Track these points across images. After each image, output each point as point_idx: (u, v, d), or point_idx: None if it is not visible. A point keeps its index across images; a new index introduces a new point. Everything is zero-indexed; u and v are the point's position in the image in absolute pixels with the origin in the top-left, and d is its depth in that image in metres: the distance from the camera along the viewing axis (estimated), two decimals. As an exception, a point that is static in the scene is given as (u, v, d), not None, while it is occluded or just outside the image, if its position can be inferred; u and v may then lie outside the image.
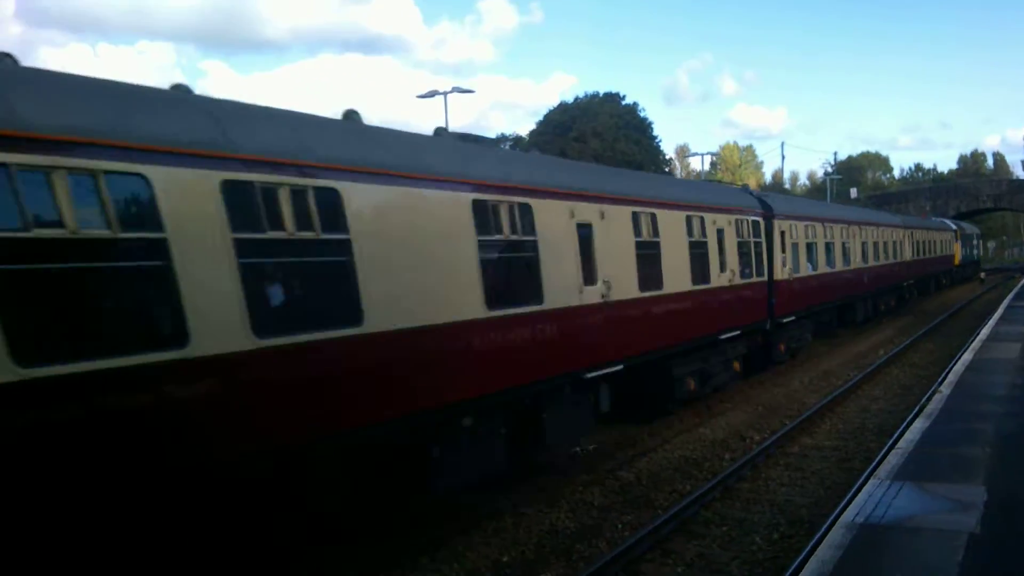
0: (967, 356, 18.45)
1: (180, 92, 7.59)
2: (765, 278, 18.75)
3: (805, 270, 21.85)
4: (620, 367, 12.39)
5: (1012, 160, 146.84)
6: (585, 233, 11.60)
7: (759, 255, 18.51)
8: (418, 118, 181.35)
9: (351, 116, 9.45)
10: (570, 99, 77.04)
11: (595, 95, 75.61)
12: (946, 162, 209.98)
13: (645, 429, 14.71)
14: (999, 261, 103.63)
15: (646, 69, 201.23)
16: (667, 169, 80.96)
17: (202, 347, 6.46)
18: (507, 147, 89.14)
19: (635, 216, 13.04)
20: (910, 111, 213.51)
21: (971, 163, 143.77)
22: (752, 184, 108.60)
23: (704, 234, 15.71)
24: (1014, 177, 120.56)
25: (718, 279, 16.14)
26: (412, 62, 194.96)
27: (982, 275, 60.78)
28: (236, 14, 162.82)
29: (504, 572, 8.89)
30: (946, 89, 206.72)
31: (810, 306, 22.25)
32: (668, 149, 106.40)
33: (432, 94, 40.09)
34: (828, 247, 24.27)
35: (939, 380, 16.54)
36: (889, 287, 33.50)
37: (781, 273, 19.81)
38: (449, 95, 39.68)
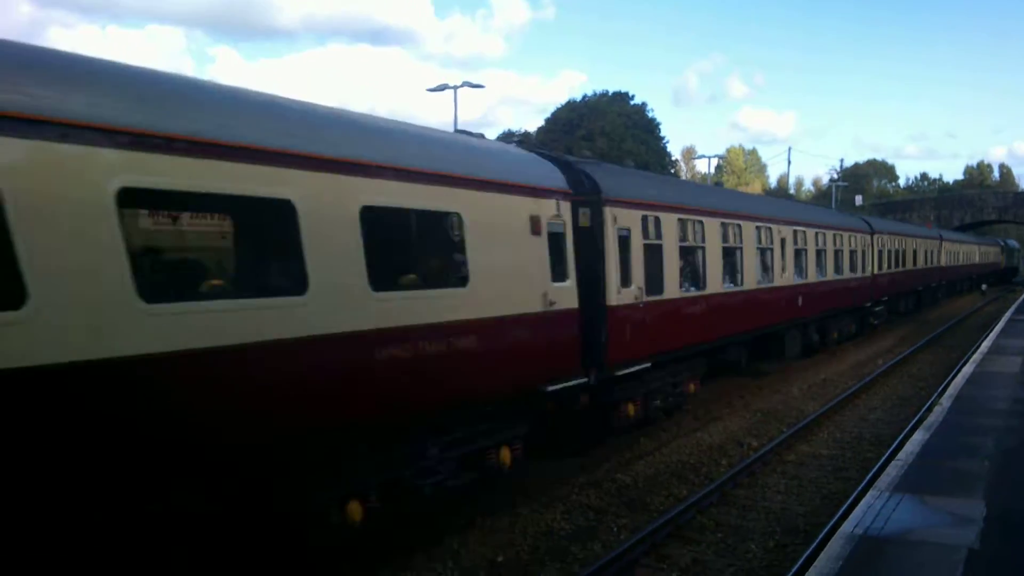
0: (968, 369, 18.40)
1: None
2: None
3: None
4: None
5: (1018, 172, 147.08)
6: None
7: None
8: (426, 111, 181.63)
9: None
10: (579, 97, 77.05)
11: (604, 94, 75.68)
12: (952, 172, 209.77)
13: (643, 432, 14.64)
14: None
15: (655, 69, 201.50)
16: (673, 171, 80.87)
17: None
18: (515, 143, 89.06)
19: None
20: (917, 120, 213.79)
21: (976, 174, 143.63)
22: (757, 189, 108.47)
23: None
24: (1020, 189, 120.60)
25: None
26: (421, 55, 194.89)
27: (983, 287, 60.73)
28: (249, 1, 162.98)
29: (499, 572, 8.85)
30: (954, 99, 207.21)
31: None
32: (675, 150, 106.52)
33: (442, 88, 40.08)
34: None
35: (939, 392, 16.51)
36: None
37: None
38: (459, 89, 39.66)
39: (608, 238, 12.44)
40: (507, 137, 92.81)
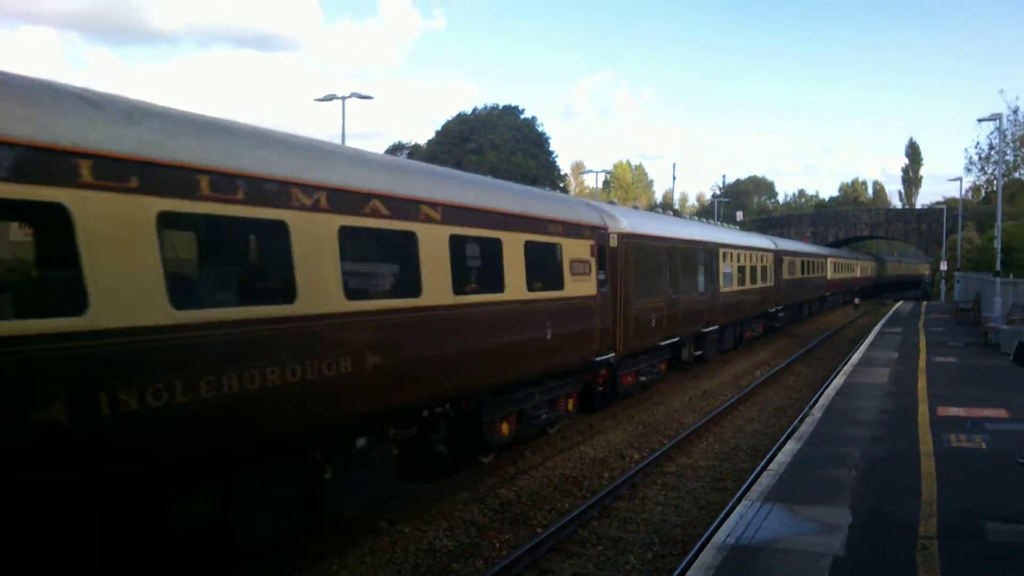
0: (838, 380, 19.14)
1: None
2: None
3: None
4: None
5: (891, 190, 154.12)
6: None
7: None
8: (312, 121, 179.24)
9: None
10: (469, 110, 77.40)
11: (494, 107, 76.21)
12: (828, 189, 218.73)
13: (528, 447, 14.75)
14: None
15: (545, 82, 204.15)
16: (562, 185, 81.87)
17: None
18: (404, 155, 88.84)
19: None
20: (797, 138, 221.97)
21: (851, 191, 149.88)
22: (643, 204, 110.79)
23: None
24: (891, 206, 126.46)
25: None
26: (309, 62, 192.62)
27: (856, 301, 63.28)
28: (125, 1, 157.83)
29: (379, 591, 8.77)
30: (831, 118, 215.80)
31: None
32: (564, 164, 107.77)
33: (330, 98, 39.63)
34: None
35: (811, 403, 17.12)
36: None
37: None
38: (347, 100, 39.29)
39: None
40: (397, 149, 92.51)
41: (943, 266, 65.90)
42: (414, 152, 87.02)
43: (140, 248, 6.59)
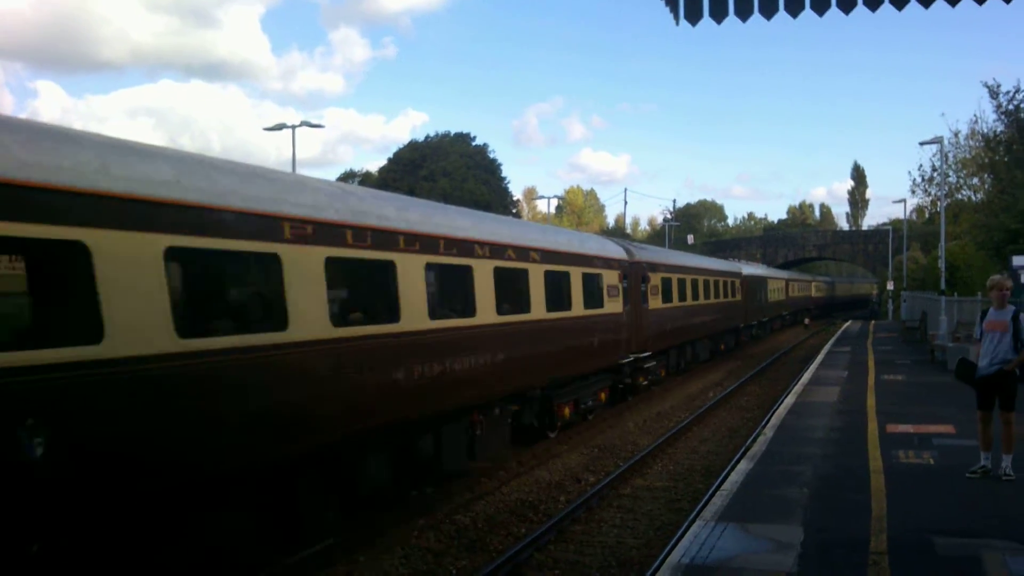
0: (790, 400, 19.35)
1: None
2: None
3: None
4: None
5: (837, 212, 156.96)
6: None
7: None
8: (263, 149, 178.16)
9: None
10: (421, 137, 77.55)
11: (446, 134, 76.44)
12: (776, 212, 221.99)
13: (484, 471, 14.72)
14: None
15: (497, 110, 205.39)
16: (514, 211, 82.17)
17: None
18: (355, 183, 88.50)
19: None
20: (745, 162, 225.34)
21: (799, 213, 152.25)
22: (595, 229, 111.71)
23: None
24: (838, 228, 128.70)
25: None
26: (258, 92, 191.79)
27: (806, 321, 64.19)
28: (71, 31, 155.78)
29: (333, 622, 8.66)
30: (779, 141, 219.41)
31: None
32: (516, 190, 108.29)
33: (280, 127, 39.46)
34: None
35: (763, 423, 17.29)
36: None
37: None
38: (297, 129, 39.14)
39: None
40: (349, 177, 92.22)
41: (890, 286, 67.20)
42: (366, 179, 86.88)
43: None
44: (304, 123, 35.73)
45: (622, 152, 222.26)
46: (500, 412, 14.21)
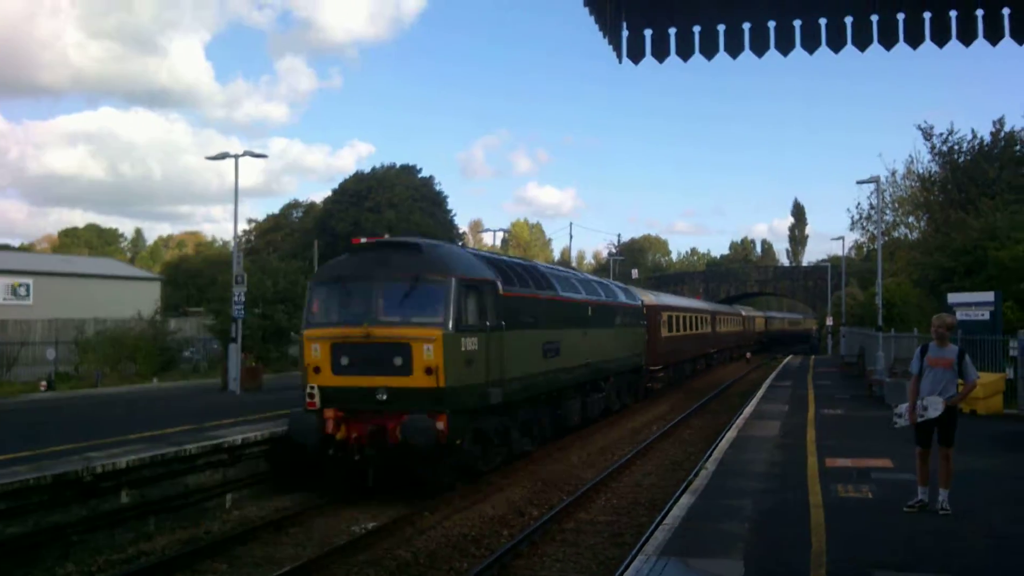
0: (731, 433, 19.47)
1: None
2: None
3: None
4: None
5: (778, 247, 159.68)
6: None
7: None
8: (204, 178, 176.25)
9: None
10: (367, 168, 77.21)
11: (392, 166, 76.21)
12: (719, 247, 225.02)
13: (426, 506, 14.56)
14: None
15: (443, 142, 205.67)
16: (461, 243, 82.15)
17: None
18: (300, 214, 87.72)
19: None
20: (688, 198, 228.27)
21: (741, 249, 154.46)
22: (541, 261, 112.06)
23: None
24: (779, 264, 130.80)
25: None
26: (202, 120, 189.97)
27: (748, 355, 64.97)
28: (7, 54, 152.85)
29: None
30: (721, 178, 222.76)
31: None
32: (463, 222, 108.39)
33: (223, 156, 38.87)
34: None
35: (705, 457, 17.37)
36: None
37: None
38: (240, 158, 38.65)
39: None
40: (292, 207, 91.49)
41: (829, 321, 68.35)
42: (310, 210, 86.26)
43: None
44: (248, 152, 35.15)
45: (568, 186, 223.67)
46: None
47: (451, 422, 14.52)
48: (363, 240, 16.87)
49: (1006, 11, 6.33)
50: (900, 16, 6.39)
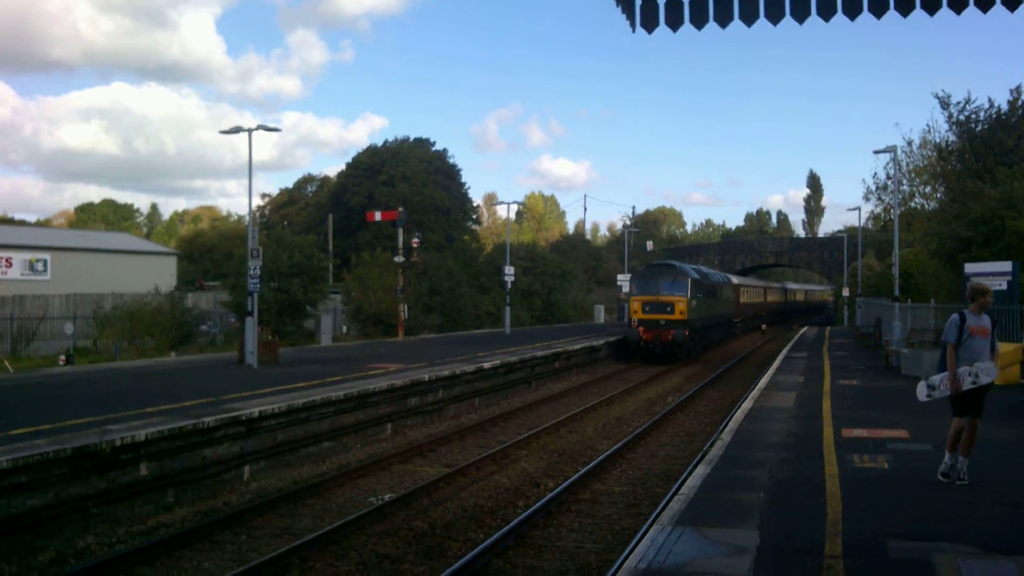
0: (747, 404, 19.45)
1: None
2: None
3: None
4: None
5: (794, 219, 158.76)
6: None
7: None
8: (218, 152, 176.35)
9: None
10: (380, 141, 77.02)
11: (405, 139, 75.96)
12: (734, 218, 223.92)
13: (443, 478, 14.64)
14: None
15: (456, 115, 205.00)
16: (475, 216, 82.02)
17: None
18: (314, 188, 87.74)
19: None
20: (703, 169, 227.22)
21: (756, 220, 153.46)
22: (556, 234, 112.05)
23: None
24: (794, 235, 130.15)
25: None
26: (214, 94, 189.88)
27: (763, 327, 64.85)
28: (20, 28, 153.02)
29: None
30: (736, 149, 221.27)
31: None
32: (476, 196, 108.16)
33: (236, 130, 38.87)
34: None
35: (720, 428, 17.38)
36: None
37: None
38: (254, 132, 38.65)
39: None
40: (307, 181, 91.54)
41: (845, 292, 68.08)
42: (324, 184, 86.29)
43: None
44: (261, 127, 35.09)
45: (582, 158, 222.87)
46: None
47: (690, 333, 38.26)
48: (655, 262, 42.99)
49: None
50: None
